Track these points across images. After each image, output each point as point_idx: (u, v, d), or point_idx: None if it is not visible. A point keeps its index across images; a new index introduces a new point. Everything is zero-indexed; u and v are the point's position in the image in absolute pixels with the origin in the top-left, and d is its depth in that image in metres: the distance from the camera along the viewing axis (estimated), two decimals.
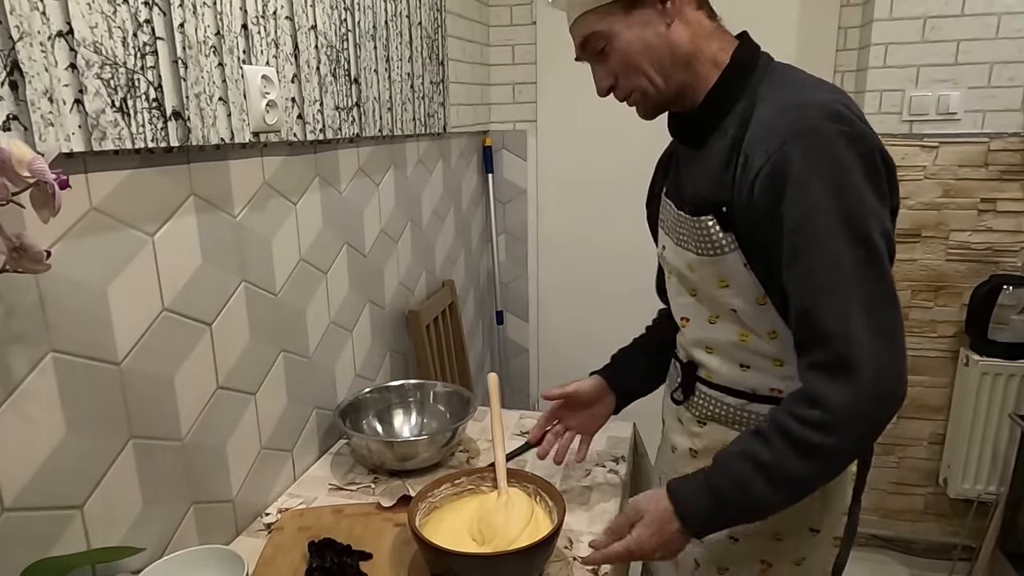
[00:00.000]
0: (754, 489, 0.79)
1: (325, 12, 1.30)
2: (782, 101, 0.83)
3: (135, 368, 0.91)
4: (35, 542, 0.79)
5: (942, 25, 1.97)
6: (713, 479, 0.83)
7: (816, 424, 0.76)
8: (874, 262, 0.76)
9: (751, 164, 0.82)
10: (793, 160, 0.77)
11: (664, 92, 0.91)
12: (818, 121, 0.78)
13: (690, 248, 0.94)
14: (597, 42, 0.91)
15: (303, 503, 1.23)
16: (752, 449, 0.81)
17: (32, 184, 0.60)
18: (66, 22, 0.76)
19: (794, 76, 0.88)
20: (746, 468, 0.80)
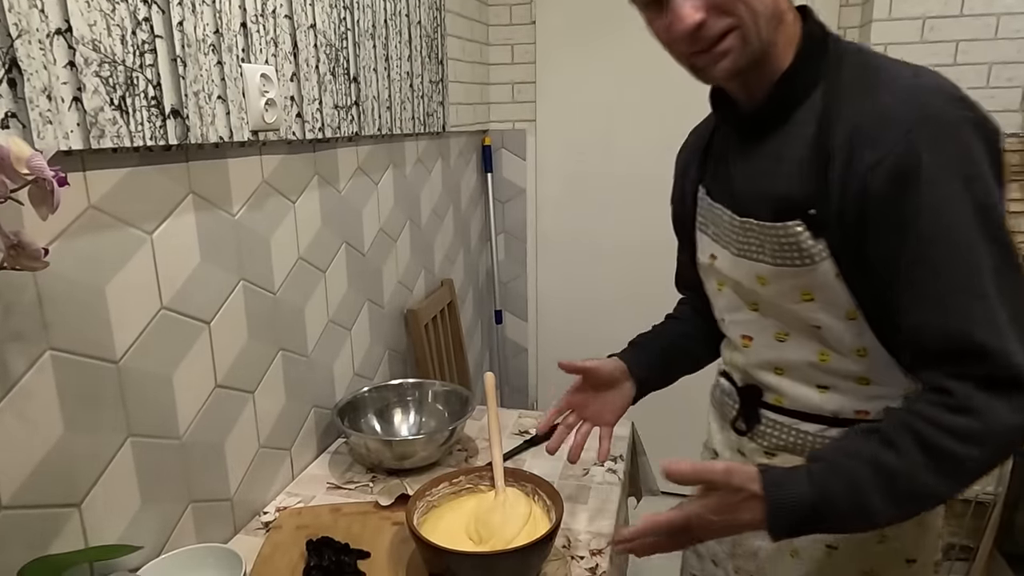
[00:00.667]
0: (869, 498, 0.68)
1: (324, 11, 1.30)
2: (896, 84, 0.72)
3: (133, 366, 0.91)
4: (33, 540, 0.79)
5: (941, 25, 1.97)
6: (822, 478, 0.70)
7: (964, 435, 0.66)
8: (1009, 262, 0.68)
9: (859, 158, 0.71)
10: (921, 151, 0.67)
11: (761, 45, 0.75)
12: (944, 106, 0.68)
13: (763, 259, 0.82)
14: None
15: (301, 502, 1.23)
16: (875, 453, 0.69)
17: (30, 181, 0.60)
18: (65, 20, 0.76)
19: (883, 57, 0.77)
20: (865, 473, 0.68)
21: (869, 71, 0.75)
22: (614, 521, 1.15)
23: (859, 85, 0.74)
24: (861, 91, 0.74)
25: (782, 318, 0.85)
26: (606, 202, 2.52)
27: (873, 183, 0.70)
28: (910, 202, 0.69)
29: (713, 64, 0.76)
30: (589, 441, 1.04)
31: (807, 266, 0.78)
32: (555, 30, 2.42)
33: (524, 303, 2.73)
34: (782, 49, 0.78)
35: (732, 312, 0.93)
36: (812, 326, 0.82)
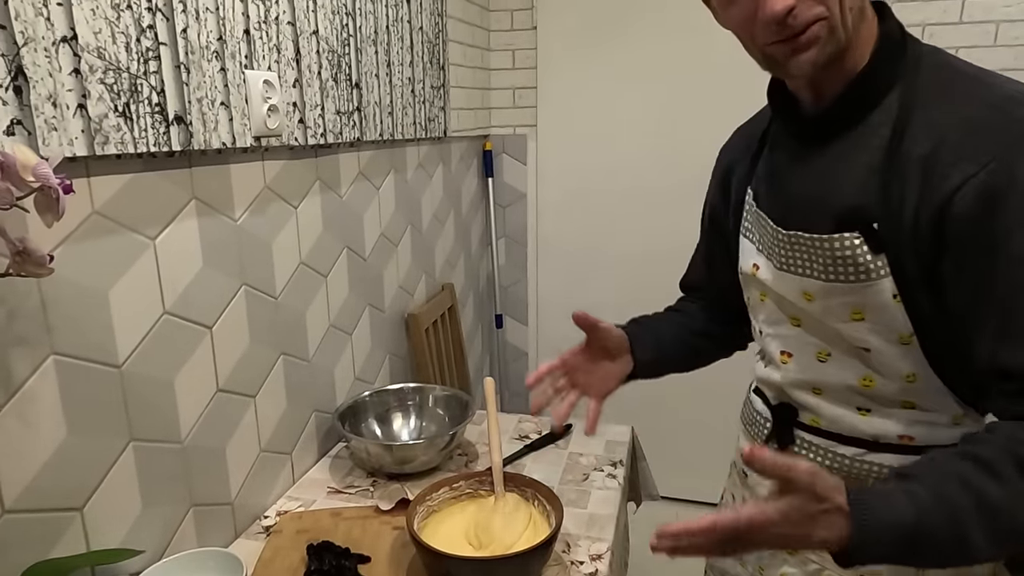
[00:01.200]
0: (971, 531, 0.59)
1: (327, 17, 1.31)
2: (989, 94, 0.67)
3: (136, 371, 0.92)
4: (35, 544, 0.79)
5: (941, 32, 1.98)
6: (922, 503, 0.60)
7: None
8: None
9: (945, 172, 0.66)
10: (1016, 168, 0.63)
11: (844, 36, 0.70)
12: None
13: (813, 273, 0.77)
14: None
15: (302, 506, 1.23)
16: (976, 480, 0.60)
17: (36, 189, 0.61)
18: (70, 28, 0.77)
19: (968, 64, 0.72)
20: (967, 502, 0.60)
21: (948, 76, 0.71)
22: (614, 526, 1.16)
23: (938, 90, 0.70)
24: (941, 96, 0.69)
25: (826, 337, 0.80)
26: (607, 207, 2.53)
27: (960, 202, 0.65)
28: (1002, 225, 0.64)
29: (795, 55, 0.71)
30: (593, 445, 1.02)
31: (862, 283, 0.73)
32: (556, 35, 2.43)
33: (524, 307, 2.74)
34: (861, 45, 0.73)
35: (773, 326, 0.88)
36: (860, 348, 0.77)
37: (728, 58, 2.27)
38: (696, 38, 2.26)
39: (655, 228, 2.42)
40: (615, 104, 2.41)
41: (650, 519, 0.90)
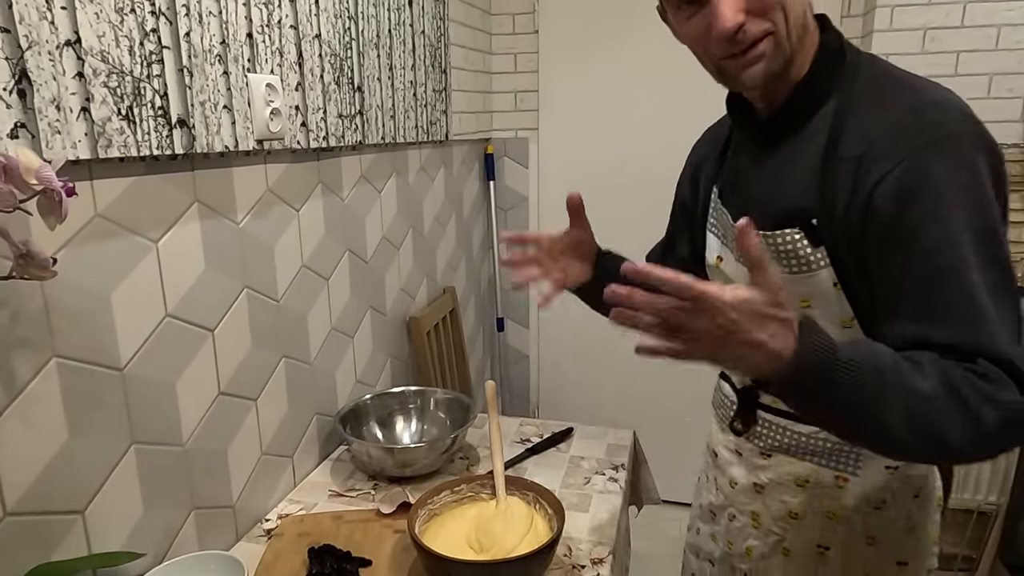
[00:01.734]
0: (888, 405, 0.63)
1: (329, 21, 1.32)
2: (910, 100, 0.73)
3: (137, 374, 0.92)
4: (37, 546, 0.79)
5: (942, 36, 1.98)
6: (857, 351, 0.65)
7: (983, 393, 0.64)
8: (1010, 286, 0.70)
9: (867, 171, 0.72)
10: (933, 170, 0.68)
11: (790, 50, 0.76)
12: (952, 125, 0.70)
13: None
14: None
15: (303, 509, 1.23)
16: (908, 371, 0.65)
17: (39, 192, 0.61)
18: (74, 31, 0.77)
19: (899, 71, 0.78)
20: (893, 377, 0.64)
21: (882, 84, 0.76)
22: (615, 530, 1.15)
23: (871, 97, 0.76)
24: (873, 104, 0.75)
25: None
26: (608, 210, 2.52)
27: (879, 198, 0.71)
28: (915, 217, 0.69)
29: (746, 68, 0.76)
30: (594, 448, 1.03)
31: (804, 273, 0.80)
32: (558, 39, 2.44)
33: (526, 311, 2.73)
34: (804, 56, 0.79)
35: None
36: None
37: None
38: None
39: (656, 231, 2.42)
40: (617, 107, 2.41)
41: (652, 523, 0.91)
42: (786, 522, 0.94)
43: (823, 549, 0.92)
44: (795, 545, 0.93)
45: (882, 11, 2.01)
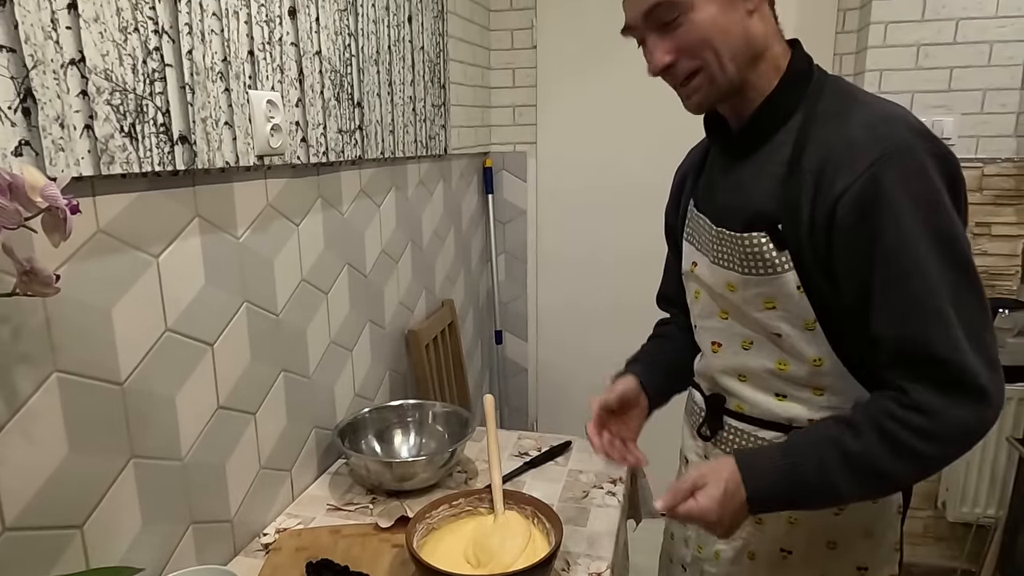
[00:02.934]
0: (835, 476, 0.76)
1: (330, 38, 1.33)
2: (863, 116, 0.78)
3: (137, 388, 0.92)
4: (35, 561, 0.79)
5: (935, 52, 2.00)
6: (793, 458, 0.79)
7: (919, 431, 0.74)
8: (972, 286, 0.75)
9: (831, 182, 0.77)
10: (886, 181, 0.74)
11: (730, 82, 0.83)
12: (910, 139, 0.75)
13: (733, 267, 0.89)
14: (669, 11, 0.80)
15: (301, 523, 1.23)
16: (840, 438, 0.77)
17: (44, 210, 0.62)
18: (79, 50, 0.78)
19: (857, 90, 0.85)
20: (833, 455, 0.77)
21: (842, 101, 0.82)
22: (613, 544, 1.15)
23: (833, 114, 0.81)
24: (834, 119, 0.81)
25: (748, 325, 0.91)
26: (606, 224, 2.54)
27: (842, 209, 0.77)
28: (874, 225, 0.75)
29: (686, 99, 0.87)
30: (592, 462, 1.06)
31: (770, 275, 0.85)
32: (556, 54, 2.46)
33: (524, 323, 2.74)
34: (765, 78, 0.85)
35: (705, 319, 0.99)
36: (773, 334, 0.88)
37: None
38: None
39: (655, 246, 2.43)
40: (615, 122, 2.43)
41: (650, 537, 0.91)
42: (751, 526, 0.96)
43: (786, 553, 0.95)
44: (759, 549, 0.97)
45: (876, 28, 2.03)
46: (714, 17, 0.80)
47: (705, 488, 0.79)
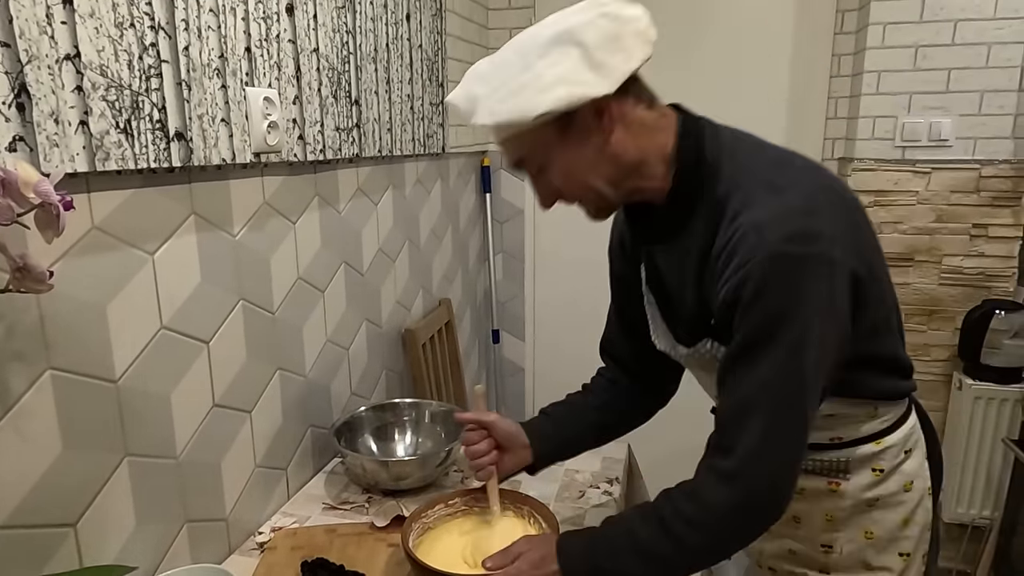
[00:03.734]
0: (626, 561, 0.83)
1: (327, 36, 1.33)
2: (751, 215, 0.77)
3: (132, 386, 0.92)
4: (28, 560, 0.79)
5: (933, 54, 2.00)
6: (595, 542, 0.86)
7: (687, 519, 0.80)
8: (800, 391, 0.77)
9: (723, 271, 0.79)
10: (750, 283, 0.75)
11: (617, 198, 0.87)
12: (785, 246, 0.74)
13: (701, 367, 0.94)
14: (531, 165, 0.85)
15: (296, 522, 1.22)
16: (633, 526, 0.84)
17: (37, 206, 0.61)
18: (74, 46, 0.78)
19: (758, 163, 0.82)
20: (625, 542, 0.83)
21: (739, 184, 0.80)
22: None
23: (732, 201, 0.80)
24: (733, 207, 0.79)
25: None
26: (604, 224, 2.53)
27: (723, 296, 0.79)
28: (740, 319, 0.78)
29: (585, 212, 0.90)
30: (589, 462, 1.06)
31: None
32: None
33: (521, 323, 2.74)
34: (655, 176, 0.85)
35: (696, 381, 1.03)
36: None
37: (722, 82, 2.30)
38: (692, 62, 2.28)
39: None
40: None
41: None
42: (788, 526, 0.97)
43: (827, 549, 0.96)
44: (800, 548, 0.98)
45: (874, 29, 2.03)
46: (572, 162, 0.82)
47: (526, 554, 0.88)
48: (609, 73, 0.77)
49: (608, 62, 0.77)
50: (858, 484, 0.92)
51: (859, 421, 0.91)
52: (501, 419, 1.06)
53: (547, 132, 0.80)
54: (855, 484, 0.92)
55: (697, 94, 2.44)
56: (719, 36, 2.27)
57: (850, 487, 0.92)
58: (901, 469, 0.93)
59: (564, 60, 0.77)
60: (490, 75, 0.81)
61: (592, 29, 0.77)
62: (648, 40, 0.81)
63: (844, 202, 0.81)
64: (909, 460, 0.94)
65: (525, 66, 0.78)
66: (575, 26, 0.77)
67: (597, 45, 0.77)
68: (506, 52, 0.81)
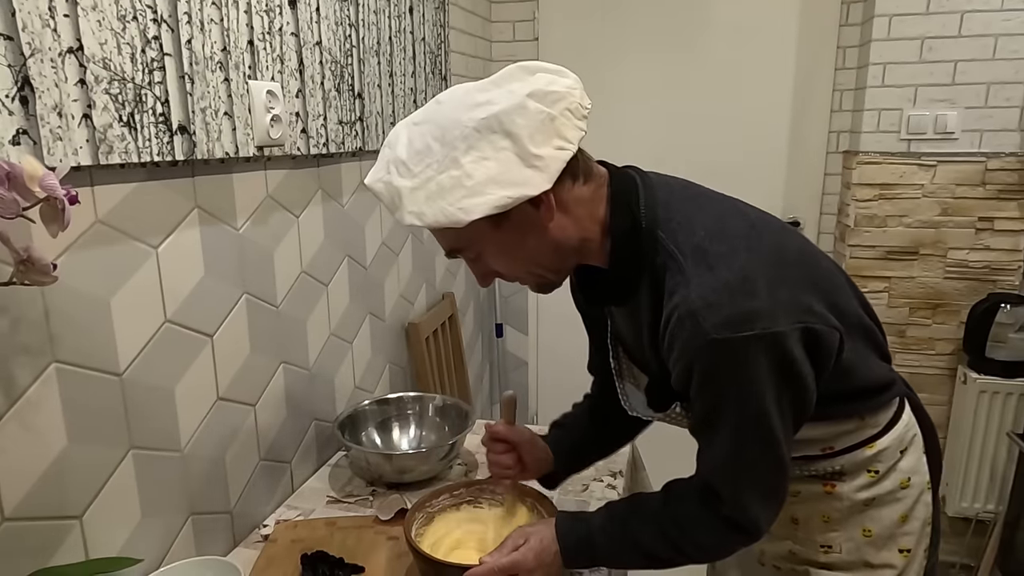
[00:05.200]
0: (624, 557, 0.88)
1: (330, 28, 1.32)
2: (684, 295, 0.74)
3: (136, 379, 0.92)
4: (34, 552, 0.80)
5: (940, 46, 1.99)
6: (595, 534, 0.88)
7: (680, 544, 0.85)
8: (769, 447, 0.78)
9: (670, 357, 0.78)
10: (695, 370, 0.76)
11: (559, 277, 0.86)
12: (725, 334, 0.71)
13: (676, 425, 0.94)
14: (467, 252, 0.81)
15: (301, 515, 1.23)
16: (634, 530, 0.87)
17: (42, 200, 0.61)
18: (76, 39, 0.78)
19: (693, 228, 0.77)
20: (625, 548, 0.87)
21: (675, 260, 0.77)
22: None
23: (670, 275, 0.77)
24: (671, 282, 0.76)
25: None
26: None
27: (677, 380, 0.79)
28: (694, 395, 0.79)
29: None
30: None
31: None
32: (557, 47, 2.45)
33: (525, 317, 2.74)
34: (596, 249, 0.83)
35: None
36: None
37: (726, 75, 2.29)
38: (696, 54, 2.27)
39: None
40: (616, 117, 2.42)
41: None
42: (787, 528, 0.97)
43: (826, 549, 0.95)
44: (800, 550, 0.97)
45: (880, 21, 2.02)
46: (510, 251, 0.79)
47: (526, 544, 0.88)
48: (545, 167, 0.72)
49: (542, 155, 0.71)
50: (854, 486, 0.91)
51: (847, 433, 0.90)
52: (533, 444, 1.04)
53: (481, 226, 0.74)
54: (851, 486, 0.91)
55: (700, 87, 2.44)
56: (723, 28, 2.26)
57: (846, 488, 0.91)
58: (897, 467, 0.92)
59: (495, 155, 0.71)
60: (411, 164, 0.74)
61: (521, 117, 0.71)
62: (583, 115, 0.75)
63: (783, 259, 0.77)
64: (905, 458, 0.92)
65: (451, 160, 0.71)
66: (502, 113, 0.71)
67: (529, 136, 0.71)
68: (427, 134, 0.74)
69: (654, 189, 0.81)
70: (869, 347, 0.88)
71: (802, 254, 0.83)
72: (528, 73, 0.74)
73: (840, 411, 0.87)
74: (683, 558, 0.86)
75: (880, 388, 0.89)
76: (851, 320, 0.83)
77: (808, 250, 0.85)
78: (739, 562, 1.09)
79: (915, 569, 0.96)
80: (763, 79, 2.26)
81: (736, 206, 0.84)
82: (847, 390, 0.85)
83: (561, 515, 0.92)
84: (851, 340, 0.81)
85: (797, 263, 0.80)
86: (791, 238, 0.84)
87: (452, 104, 0.75)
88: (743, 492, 0.81)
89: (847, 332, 0.80)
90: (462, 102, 0.74)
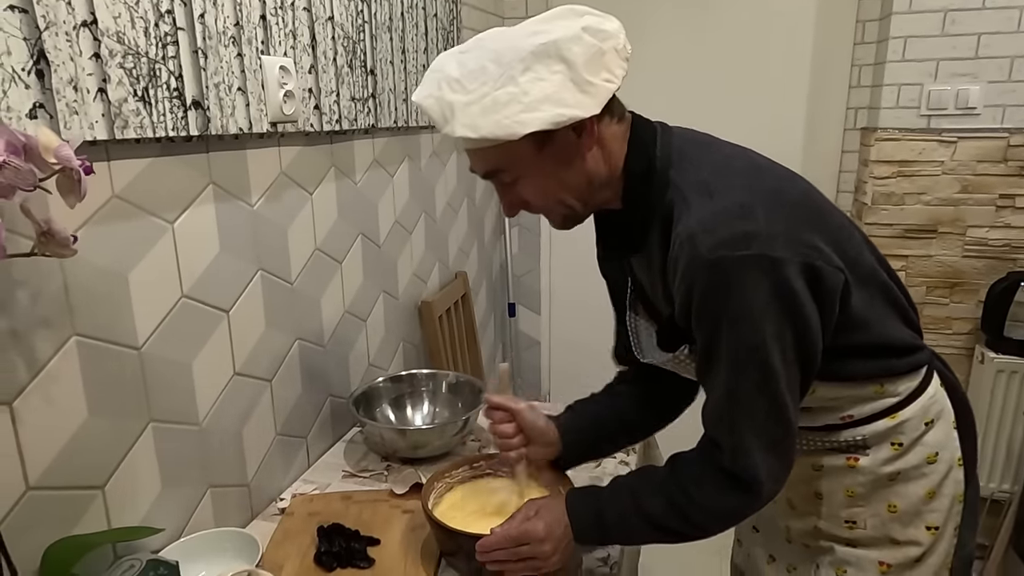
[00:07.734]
0: (634, 530, 0.87)
1: (342, 3, 1.31)
2: (686, 222, 0.77)
3: (154, 353, 0.93)
4: (58, 521, 0.81)
5: (963, 18, 1.94)
6: (605, 507, 0.89)
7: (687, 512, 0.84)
8: (767, 383, 0.77)
9: (674, 284, 0.80)
10: (695, 293, 0.76)
11: (585, 211, 0.88)
12: (721, 253, 0.73)
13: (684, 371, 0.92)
14: (503, 176, 0.83)
15: (317, 489, 1.25)
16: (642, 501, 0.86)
17: (58, 171, 0.62)
18: (90, 12, 0.78)
19: (700, 167, 0.81)
20: (634, 520, 0.86)
21: (684, 195, 0.79)
22: None
23: (678, 209, 0.79)
24: (679, 215, 0.79)
25: None
26: None
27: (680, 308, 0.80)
28: (694, 328, 0.80)
29: (548, 220, 0.90)
30: None
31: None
32: None
33: (537, 296, 2.74)
34: (615, 191, 0.86)
35: None
36: None
37: (743, 50, 2.25)
38: (713, 28, 2.24)
39: None
40: (632, 91, 2.39)
41: None
42: (812, 503, 0.97)
43: (851, 524, 0.95)
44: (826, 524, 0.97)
45: None
46: (547, 177, 0.82)
47: (536, 515, 0.89)
48: (595, 94, 0.77)
49: (594, 82, 0.77)
50: (877, 459, 0.91)
51: (866, 399, 0.89)
52: (530, 411, 1.03)
53: (525, 146, 0.78)
54: (874, 459, 0.91)
55: (718, 62, 2.40)
56: (740, 1, 2.22)
57: (869, 462, 0.91)
58: (923, 441, 0.91)
59: (550, 77, 0.75)
60: (465, 82, 0.77)
61: (577, 45, 0.75)
62: (626, 58, 0.81)
63: (784, 199, 0.79)
64: (932, 431, 0.91)
65: (507, 78, 0.75)
66: (560, 40, 0.75)
67: (583, 64, 0.75)
68: (481, 58, 0.77)
69: (671, 135, 0.86)
70: (888, 306, 0.87)
71: (807, 197, 0.83)
72: (577, 15, 0.79)
73: (856, 370, 0.86)
74: (691, 528, 0.85)
75: (900, 351, 0.88)
76: (863, 271, 0.83)
77: (816, 198, 0.84)
78: (766, 540, 1.08)
79: (943, 547, 0.94)
80: (780, 53, 2.22)
81: (748, 154, 0.87)
82: (862, 346, 0.84)
83: (572, 489, 0.93)
84: (862, 290, 0.81)
85: (800, 204, 0.81)
86: (798, 183, 0.84)
87: (503, 35, 0.79)
88: (742, 439, 0.79)
89: (857, 281, 0.80)
90: (516, 33, 0.78)
